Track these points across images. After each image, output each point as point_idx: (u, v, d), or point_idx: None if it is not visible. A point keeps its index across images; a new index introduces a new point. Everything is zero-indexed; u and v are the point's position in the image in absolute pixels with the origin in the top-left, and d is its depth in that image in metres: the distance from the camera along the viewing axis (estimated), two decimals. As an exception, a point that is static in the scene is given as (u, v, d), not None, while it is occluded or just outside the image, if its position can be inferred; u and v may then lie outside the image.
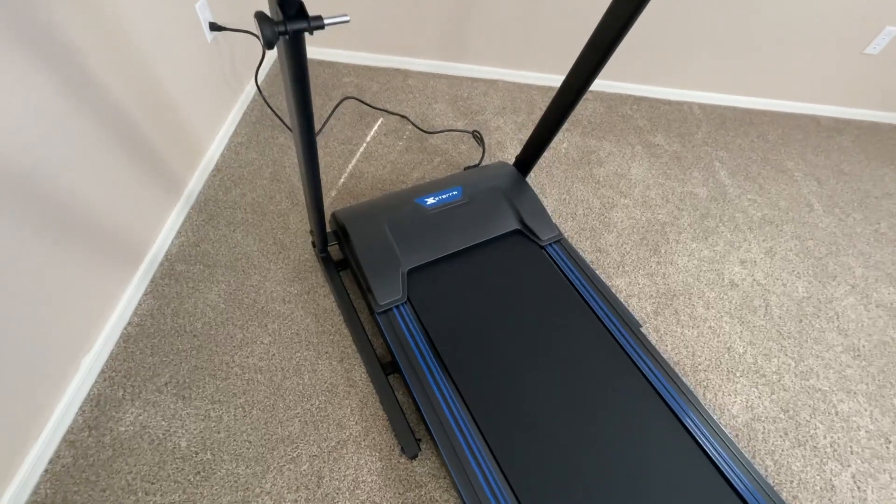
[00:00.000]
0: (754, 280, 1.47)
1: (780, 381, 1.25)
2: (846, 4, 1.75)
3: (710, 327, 1.34)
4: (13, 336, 0.85)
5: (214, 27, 1.42)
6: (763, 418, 1.17)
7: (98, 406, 1.02)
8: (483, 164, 1.64)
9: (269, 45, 0.54)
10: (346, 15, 0.57)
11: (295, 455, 1.00)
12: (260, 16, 0.53)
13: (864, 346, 1.36)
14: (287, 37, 0.55)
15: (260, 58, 1.71)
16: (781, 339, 1.34)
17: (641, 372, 1.11)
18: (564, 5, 1.76)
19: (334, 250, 1.32)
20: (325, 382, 1.11)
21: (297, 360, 1.14)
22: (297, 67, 0.59)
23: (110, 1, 0.98)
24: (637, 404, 1.06)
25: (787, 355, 1.31)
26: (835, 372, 1.29)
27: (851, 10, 1.77)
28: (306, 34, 0.56)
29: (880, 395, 1.26)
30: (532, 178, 1.65)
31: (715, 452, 1.00)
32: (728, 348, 1.30)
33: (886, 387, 1.28)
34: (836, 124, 2.14)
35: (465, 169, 1.59)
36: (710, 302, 1.40)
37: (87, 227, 1.00)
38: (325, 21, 0.56)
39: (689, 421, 1.04)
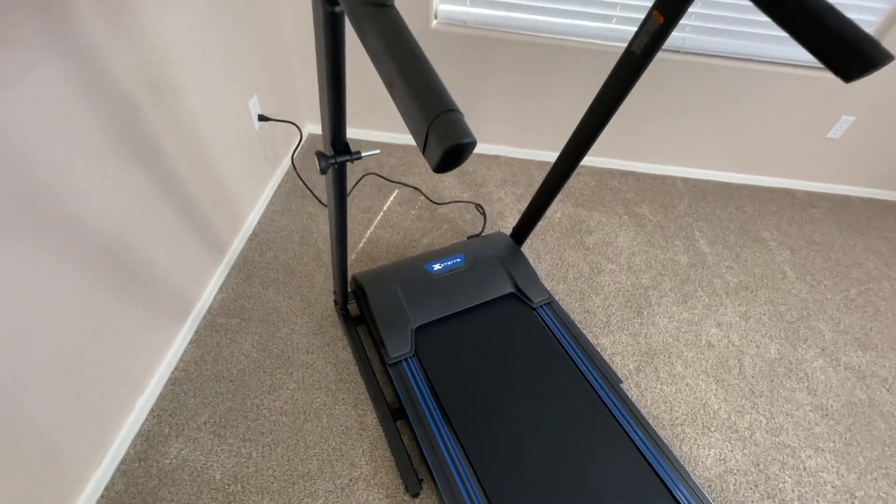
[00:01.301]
0: (730, 341, 1.62)
1: (751, 436, 1.37)
2: (807, 96, 2.01)
3: (687, 384, 1.47)
4: (86, 376, 1.04)
5: (262, 118, 1.71)
6: (735, 471, 1.29)
7: (147, 441, 1.19)
8: (484, 233, 1.86)
9: (322, 172, 0.77)
10: (377, 150, 0.81)
11: (313, 490, 1.15)
12: (318, 153, 0.77)
13: (832, 406, 1.47)
14: (335, 165, 0.79)
15: (297, 143, 2.00)
16: (754, 397, 1.47)
17: (620, 424, 1.25)
18: (558, 94, 2.05)
19: (353, 307, 1.52)
20: (341, 425, 1.27)
21: (318, 404, 1.30)
22: (340, 185, 0.82)
23: (184, 100, 1.26)
24: (615, 454, 1.19)
25: (759, 412, 1.43)
26: (804, 430, 1.40)
27: (812, 101, 2.03)
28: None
29: (847, 453, 1.36)
30: (528, 245, 1.86)
31: (687, 502, 1.12)
32: (704, 404, 1.43)
33: (853, 445, 1.38)
34: (809, 198, 2.35)
35: (468, 237, 1.81)
36: (688, 361, 1.54)
37: (150, 284, 1.22)
38: (363, 154, 0.79)
39: (662, 471, 1.16)
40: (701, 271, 1.87)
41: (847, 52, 0.64)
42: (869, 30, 1.56)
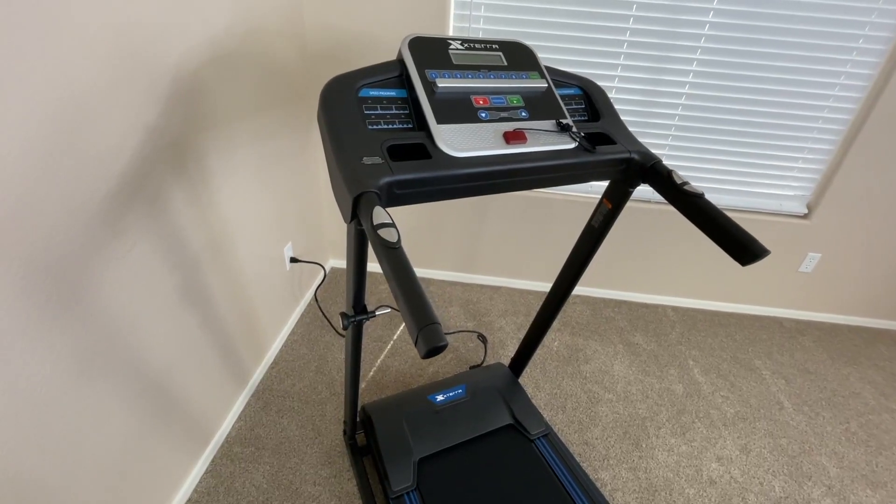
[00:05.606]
0: (731, 477, 1.62)
1: (763, 588, 1.32)
2: (773, 237, 2.26)
3: (691, 526, 1.46)
4: (120, 508, 1.13)
5: (293, 260, 2.00)
6: None
7: (153, 579, 1.22)
8: (485, 362, 2.00)
9: (344, 328, 0.97)
10: (388, 308, 1.02)
11: None
12: (342, 313, 0.98)
13: (847, 554, 1.42)
14: (355, 323, 0.99)
15: (321, 280, 2.28)
16: (762, 541, 1.44)
17: (622, 569, 1.24)
18: (550, 234, 2.35)
19: (360, 437, 1.60)
20: (342, 566, 1.28)
21: (321, 541, 1.33)
22: (358, 337, 1.02)
23: (234, 254, 1.53)
24: None
25: (769, 560, 1.39)
26: (819, 581, 1.35)
27: (778, 241, 2.28)
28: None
29: None
30: (527, 374, 1.97)
31: None
32: (710, 549, 1.40)
33: None
34: (797, 325, 2.47)
35: (470, 367, 1.95)
36: (690, 499, 1.54)
37: (179, 414, 1.35)
38: (377, 313, 1.00)
39: None
40: (697, 401, 1.93)
41: (740, 248, 0.87)
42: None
